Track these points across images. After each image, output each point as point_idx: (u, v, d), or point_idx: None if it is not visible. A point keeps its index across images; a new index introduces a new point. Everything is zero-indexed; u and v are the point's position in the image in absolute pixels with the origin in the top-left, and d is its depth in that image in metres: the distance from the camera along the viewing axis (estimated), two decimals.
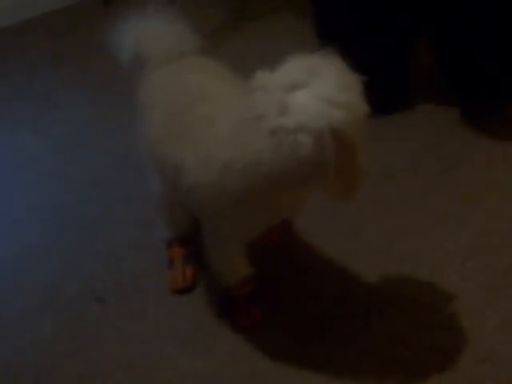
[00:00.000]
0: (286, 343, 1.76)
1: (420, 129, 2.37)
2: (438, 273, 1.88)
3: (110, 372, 1.75)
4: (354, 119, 1.30)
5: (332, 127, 1.26)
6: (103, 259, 2.05)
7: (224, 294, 1.82)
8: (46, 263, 2.07)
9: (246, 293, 1.79)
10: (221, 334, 1.79)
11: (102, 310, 1.90)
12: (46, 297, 1.97)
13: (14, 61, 2.98)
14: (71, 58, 2.94)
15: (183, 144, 1.53)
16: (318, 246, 1.98)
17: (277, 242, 1.95)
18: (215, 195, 1.47)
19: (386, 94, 2.32)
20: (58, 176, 2.38)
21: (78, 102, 2.69)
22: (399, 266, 1.91)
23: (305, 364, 1.69)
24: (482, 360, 1.66)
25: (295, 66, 1.34)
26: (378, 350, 1.70)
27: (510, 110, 2.36)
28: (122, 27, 1.75)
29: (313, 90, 1.29)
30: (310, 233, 1.99)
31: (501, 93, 2.31)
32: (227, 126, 1.42)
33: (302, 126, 1.26)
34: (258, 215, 1.53)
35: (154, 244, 2.01)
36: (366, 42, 2.27)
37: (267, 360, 1.72)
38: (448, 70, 2.37)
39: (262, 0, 3.12)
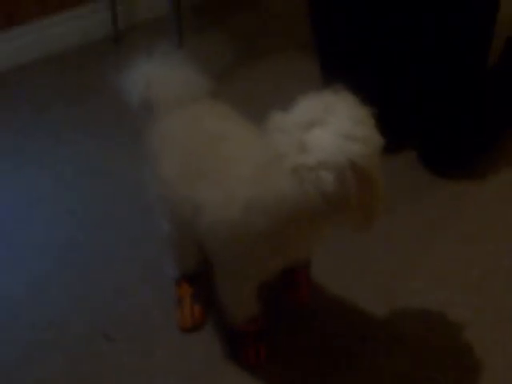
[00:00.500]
0: (290, 380, 1.77)
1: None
2: (446, 310, 1.89)
3: None
4: (372, 152, 1.33)
5: (352, 161, 1.29)
6: (112, 297, 2.06)
7: (232, 331, 1.83)
8: (54, 300, 2.07)
9: (253, 330, 1.81)
10: (229, 372, 1.80)
11: (111, 347, 1.91)
12: (55, 334, 1.97)
13: (23, 99, 2.99)
14: (81, 97, 2.95)
15: (203, 184, 1.55)
16: (322, 283, 1.99)
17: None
18: (237, 234, 1.49)
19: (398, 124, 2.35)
20: (66, 214, 2.38)
21: (86, 141, 2.71)
22: (406, 304, 1.92)
23: None
24: None
25: (310, 105, 1.37)
26: None
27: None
28: (130, 70, 1.77)
29: (330, 126, 1.32)
30: (314, 270, 2.00)
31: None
32: (248, 165, 1.44)
33: (323, 162, 1.28)
34: (275, 254, 1.54)
35: (162, 282, 2.02)
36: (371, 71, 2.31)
37: None
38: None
39: (269, 40, 3.15)
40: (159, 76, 1.75)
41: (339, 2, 2.25)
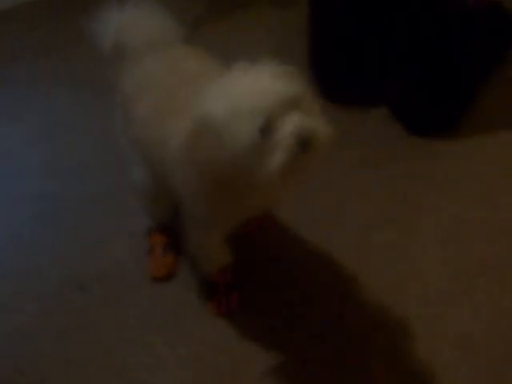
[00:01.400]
0: (261, 331, 1.79)
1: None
2: (414, 260, 1.92)
3: (90, 357, 1.77)
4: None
5: None
6: (85, 247, 2.06)
7: (204, 281, 1.84)
8: (29, 251, 2.08)
9: (224, 280, 1.83)
10: (200, 322, 1.82)
11: (85, 297, 1.92)
12: (30, 284, 1.98)
13: None
14: (50, 49, 2.93)
15: (173, 120, 1.53)
16: (295, 234, 2.01)
17: (254, 233, 1.98)
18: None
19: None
20: (39, 165, 2.38)
21: (59, 92, 2.69)
22: (376, 255, 1.94)
23: (278, 350, 1.73)
24: (457, 347, 1.70)
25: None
26: (352, 341, 1.74)
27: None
28: (103, 17, 1.75)
29: None
30: (288, 221, 2.02)
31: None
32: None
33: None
34: (238, 204, 1.54)
35: (135, 232, 2.03)
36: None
37: (243, 348, 1.75)
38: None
39: None
40: (133, 21, 1.74)
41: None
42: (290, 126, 1.29)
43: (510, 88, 2.47)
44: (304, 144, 1.28)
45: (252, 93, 1.30)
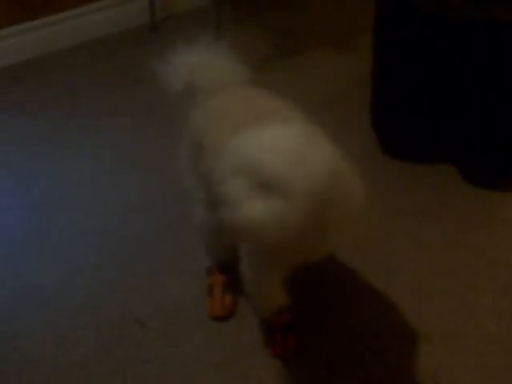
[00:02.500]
0: (315, 372, 1.80)
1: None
2: (470, 311, 1.92)
3: None
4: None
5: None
6: (145, 283, 2.10)
7: (261, 323, 1.86)
8: (88, 285, 2.12)
9: (281, 322, 1.84)
10: (257, 362, 1.83)
11: (143, 333, 1.95)
12: (88, 318, 2.01)
13: (61, 84, 3.04)
14: (115, 85, 3.00)
15: None
16: (352, 281, 2.02)
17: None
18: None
19: None
20: (101, 200, 2.43)
21: (121, 128, 2.75)
22: (431, 304, 1.94)
23: None
24: None
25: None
26: None
27: None
28: (172, 58, 1.81)
29: None
30: (345, 268, 2.03)
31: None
32: None
33: None
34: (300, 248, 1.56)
35: (194, 271, 2.06)
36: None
37: None
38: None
39: (305, 37, 3.18)
40: (203, 63, 1.80)
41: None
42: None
43: None
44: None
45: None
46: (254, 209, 1.32)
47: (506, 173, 2.35)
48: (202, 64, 1.80)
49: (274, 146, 1.34)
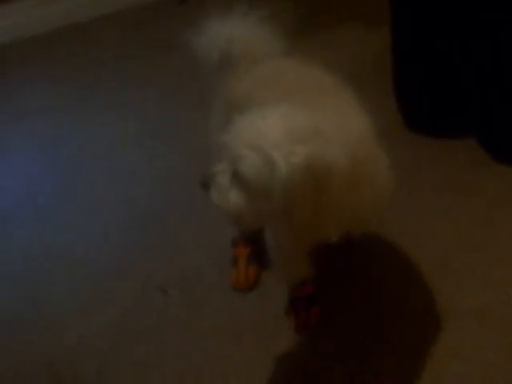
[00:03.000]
0: (338, 346, 1.79)
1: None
2: (496, 287, 1.89)
3: (167, 362, 1.81)
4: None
5: None
6: (170, 253, 2.11)
7: (285, 294, 1.86)
8: (112, 254, 2.13)
9: (304, 294, 1.84)
10: (278, 334, 1.83)
11: (165, 301, 1.96)
12: (112, 287, 2.03)
13: (87, 56, 3.05)
14: (142, 56, 3.00)
15: None
16: (376, 256, 2.01)
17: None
18: None
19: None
20: (126, 170, 2.44)
21: (147, 99, 2.75)
22: (456, 280, 1.92)
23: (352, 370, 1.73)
24: None
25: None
26: (434, 364, 1.72)
27: None
28: (207, 28, 1.80)
29: None
30: (370, 243, 2.02)
31: None
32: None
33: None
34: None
35: (218, 242, 2.06)
36: None
37: (319, 363, 1.76)
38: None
39: (331, 11, 3.15)
40: (240, 33, 1.78)
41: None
42: None
43: None
44: None
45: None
46: (234, 197, 1.37)
47: None
48: (239, 34, 1.78)
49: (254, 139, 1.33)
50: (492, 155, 2.31)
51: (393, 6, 2.35)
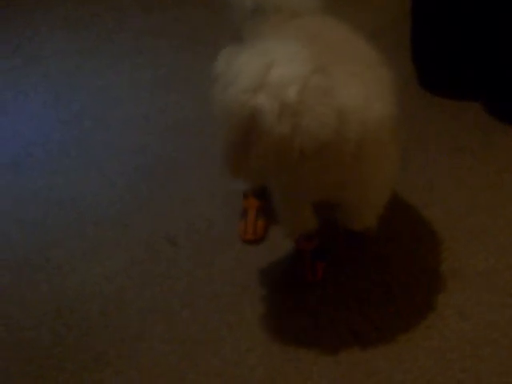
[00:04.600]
0: (345, 306, 1.80)
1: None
2: (504, 253, 1.89)
3: (173, 309, 1.82)
4: None
5: None
6: (178, 203, 2.11)
7: (291, 248, 1.87)
8: (122, 202, 2.14)
9: (309, 248, 1.84)
10: (283, 287, 1.85)
11: (173, 251, 1.97)
12: (120, 233, 2.04)
13: (102, 3, 3.02)
14: (159, 6, 2.97)
15: None
16: (386, 214, 1.99)
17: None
18: None
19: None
20: (138, 119, 2.44)
21: (162, 49, 2.74)
22: (466, 241, 1.92)
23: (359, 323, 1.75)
24: None
25: None
26: (437, 321, 1.73)
27: None
28: None
29: None
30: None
31: None
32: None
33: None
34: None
35: (229, 193, 2.07)
36: None
37: (326, 314, 1.77)
38: None
39: None
40: None
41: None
42: None
43: None
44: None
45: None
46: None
47: None
48: None
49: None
50: (499, 117, 2.29)
51: None
